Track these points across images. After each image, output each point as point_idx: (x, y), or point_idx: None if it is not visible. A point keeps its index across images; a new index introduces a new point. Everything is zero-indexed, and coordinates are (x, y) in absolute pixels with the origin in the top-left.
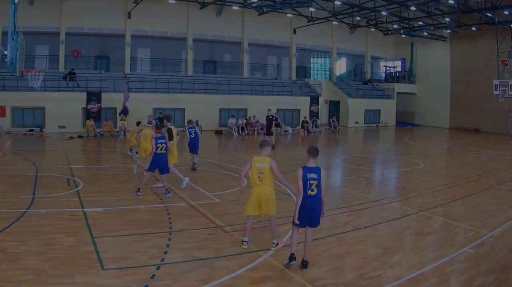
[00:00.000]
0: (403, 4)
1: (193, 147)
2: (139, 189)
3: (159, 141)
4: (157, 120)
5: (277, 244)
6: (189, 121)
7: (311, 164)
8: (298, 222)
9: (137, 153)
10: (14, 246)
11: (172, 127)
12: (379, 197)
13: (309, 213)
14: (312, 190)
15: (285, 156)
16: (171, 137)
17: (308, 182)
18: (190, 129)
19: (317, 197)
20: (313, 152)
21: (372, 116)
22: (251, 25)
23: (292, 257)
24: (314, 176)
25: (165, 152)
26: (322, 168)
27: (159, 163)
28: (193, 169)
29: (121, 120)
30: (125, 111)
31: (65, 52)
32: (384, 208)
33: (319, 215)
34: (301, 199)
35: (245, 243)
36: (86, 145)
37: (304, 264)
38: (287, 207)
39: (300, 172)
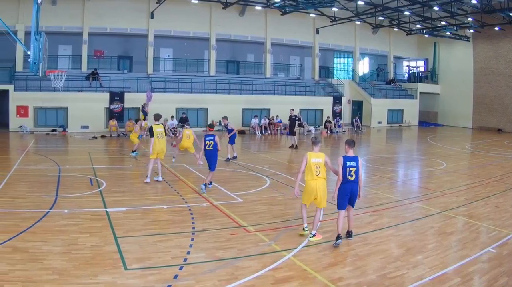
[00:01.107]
0: (426, 4)
1: (208, 160)
2: (206, 183)
3: (207, 139)
4: (176, 122)
5: (314, 236)
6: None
7: (350, 153)
8: (340, 208)
9: (135, 151)
10: (37, 246)
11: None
12: (402, 197)
13: (349, 195)
14: (352, 176)
15: None
16: (152, 135)
17: (348, 169)
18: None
19: (355, 181)
20: (351, 143)
21: (395, 116)
22: (274, 25)
23: (338, 236)
24: (353, 163)
25: (212, 148)
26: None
27: (206, 158)
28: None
29: (144, 120)
30: (144, 113)
31: (88, 52)
32: (407, 208)
33: (356, 197)
34: (339, 184)
35: (306, 229)
36: (109, 145)
37: (350, 234)
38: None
39: (340, 160)
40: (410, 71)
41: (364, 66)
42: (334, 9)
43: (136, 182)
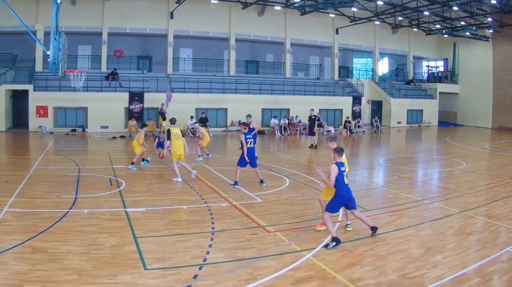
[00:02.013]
0: (446, 4)
1: (252, 158)
2: (235, 182)
3: (247, 136)
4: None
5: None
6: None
7: (340, 159)
8: (331, 211)
9: (144, 160)
10: (57, 246)
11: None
12: (422, 197)
13: (346, 202)
14: (347, 179)
15: (328, 156)
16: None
17: (343, 174)
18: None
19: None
20: (341, 151)
21: (415, 116)
22: (293, 25)
23: (334, 239)
24: (344, 168)
25: (253, 146)
26: (365, 168)
27: (248, 157)
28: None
29: (163, 120)
30: (162, 115)
31: (107, 52)
32: (426, 208)
33: (354, 200)
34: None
35: (348, 226)
36: (128, 145)
37: (374, 229)
38: None
39: (335, 168)
40: (430, 71)
41: (383, 66)
42: (354, 9)
43: (155, 182)
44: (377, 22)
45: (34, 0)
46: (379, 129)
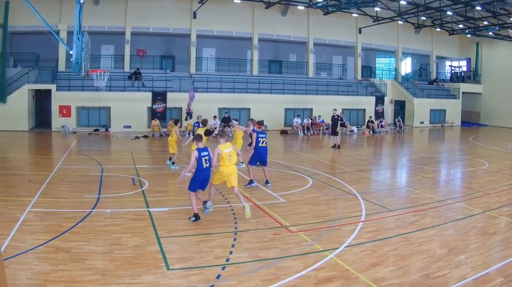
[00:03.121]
0: (468, 4)
1: (264, 157)
2: (251, 180)
3: (260, 135)
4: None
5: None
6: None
7: (202, 146)
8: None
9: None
10: (80, 246)
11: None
12: (445, 197)
13: (203, 179)
14: (207, 163)
15: (351, 156)
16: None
17: (203, 158)
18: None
19: (209, 169)
20: (200, 138)
21: (438, 116)
22: (316, 25)
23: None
24: (206, 153)
25: (265, 145)
26: (388, 168)
27: (261, 156)
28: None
29: (185, 119)
30: (189, 115)
31: (130, 52)
32: (449, 208)
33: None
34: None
35: (210, 207)
36: (151, 145)
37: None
38: (352, 207)
39: (196, 153)
40: (453, 71)
41: (406, 66)
42: (377, 8)
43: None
44: (400, 22)
45: (57, 0)
46: (402, 129)
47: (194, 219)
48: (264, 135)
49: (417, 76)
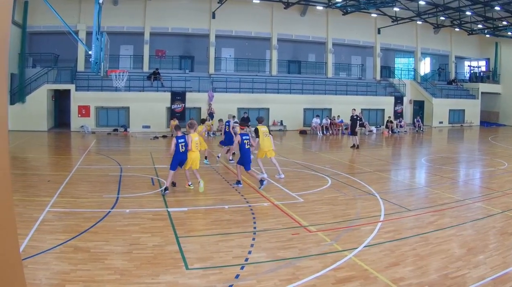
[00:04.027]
0: (487, 4)
1: (248, 158)
2: (238, 181)
3: (244, 137)
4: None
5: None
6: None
7: (180, 134)
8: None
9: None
10: (99, 246)
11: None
12: (463, 196)
13: (180, 160)
14: (183, 148)
15: (370, 156)
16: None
17: (179, 145)
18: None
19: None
20: (179, 128)
21: (457, 116)
22: (335, 25)
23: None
24: (182, 141)
25: (249, 147)
26: (407, 167)
27: (248, 157)
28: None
29: (207, 121)
30: (211, 116)
31: (149, 52)
32: (468, 208)
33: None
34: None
35: (190, 185)
36: (170, 145)
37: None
38: (371, 207)
39: (174, 140)
40: (472, 71)
41: (425, 66)
42: (396, 9)
43: (197, 181)
44: (419, 22)
45: (76, 0)
46: (421, 129)
47: (165, 191)
48: (248, 137)
49: (436, 77)
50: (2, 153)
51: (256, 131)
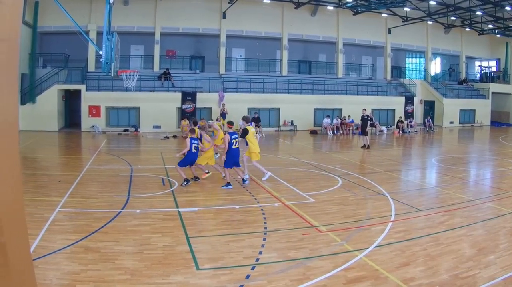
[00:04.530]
0: (498, 4)
1: (236, 158)
2: (228, 183)
3: (233, 137)
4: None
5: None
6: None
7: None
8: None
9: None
10: (109, 246)
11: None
12: (474, 197)
13: (192, 160)
14: (196, 149)
15: (380, 156)
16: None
17: (192, 145)
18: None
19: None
20: (194, 131)
21: (467, 116)
22: (345, 25)
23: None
24: (195, 142)
25: (238, 146)
26: (418, 168)
27: (235, 157)
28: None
29: (217, 120)
30: (223, 116)
31: (160, 52)
32: (478, 208)
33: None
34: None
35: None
36: (181, 145)
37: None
38: (382, 207)
39: (189, 141)
40: (482, 71)
41: (436, 66)
42: (406, 9)
43: (208, 182)
44: (429, 22)
45: (87, 0)
46: (432, 129)
47: (186, 182)
48: (236, 137)
49: (447, 77)
50: (13, 153)
51: (245, 132)
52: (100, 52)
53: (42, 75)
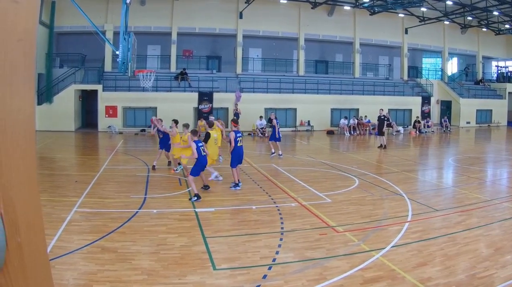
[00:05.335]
0: None
1: (241, 157)
2: (237, 183)
3: (238, 135)
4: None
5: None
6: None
7: (197, 139)
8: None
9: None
10: (126, 246)
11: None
12: (491, 197)
13: (203, 166)
14: (204, 152)
15: (397, 156)
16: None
17: (201, 148)
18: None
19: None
20: (196, 133)
21: (484, 116)
22: (362, 25)
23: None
24: (202, 144)
25: (242, 144)
26: (434, 168)
27: (240, 155)
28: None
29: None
30: (236, 116)
31: (176, 52)
32: (496, 208)
33: None
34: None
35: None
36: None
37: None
38: (399, 207)
39: (194, 144)
40: (499, 71)
41: (452, 66)
42: (423, 9)
43: (224, 182)
44: (446, 22)
45: (104, 0)
46: (448, 129)
47: (196, 198)
48: (241, 135)
49: (464, 77)
50: (30, 153)
51: (208, 136)
52: (117, 52)
53: (59, 75)
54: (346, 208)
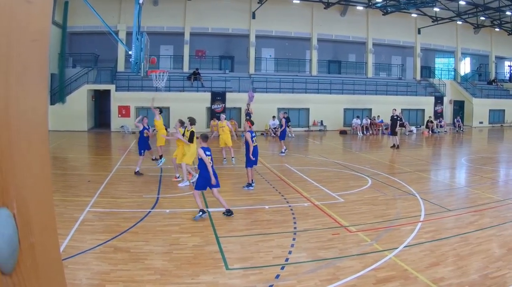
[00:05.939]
0: None
1: (256, 156)
2: (250, 183)
3: (253, 135)
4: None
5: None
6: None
7: (206, 145)
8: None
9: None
10: (139, 246)
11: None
12: (504, 196)
13: (208, 179)
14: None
15: (410, 156)
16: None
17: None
18: (254, 135)
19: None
20: (206, 138)
21: (497, 116)
22: (375, 25)
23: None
24: (209, 153)
25: (257, 144)
26: (447, 167)
27: (256, 156)
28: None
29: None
30: (248, 115)
31: (189, 52)
32: (508, 208)
33: None
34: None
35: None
36: (210, 145)
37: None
38: (411, 207)
39: (201, 151)
40: None
41: (465, 66)
42: (436, 9)
43: (237, 182)
44: (459, 22)
45: (116, 0)
46: (461, 129)
47: (201, 214)
48: (255, 135)
49: (476, 77)
50: (43, 152)
51: (192, 134)
52: (130, 52)
53: (72, 75)
54: (359, 208)
